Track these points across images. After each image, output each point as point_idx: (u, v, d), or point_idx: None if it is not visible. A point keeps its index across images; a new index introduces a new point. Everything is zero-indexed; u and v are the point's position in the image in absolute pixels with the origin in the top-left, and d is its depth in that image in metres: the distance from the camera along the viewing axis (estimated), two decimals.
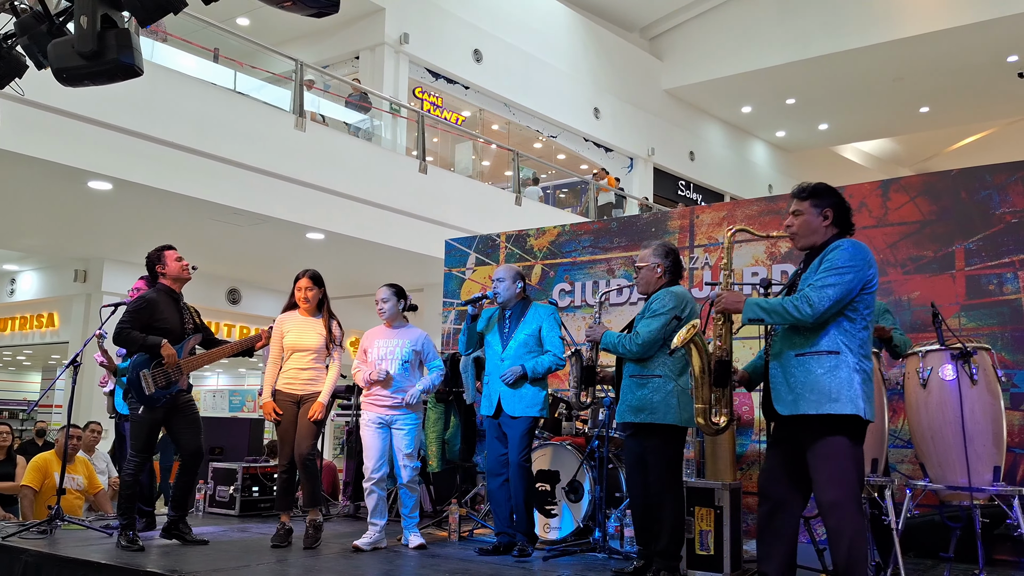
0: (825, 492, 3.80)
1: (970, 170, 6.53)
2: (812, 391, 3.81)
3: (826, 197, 4.06)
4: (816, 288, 3.81)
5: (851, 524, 3.77)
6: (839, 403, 3.76)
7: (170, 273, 6.10)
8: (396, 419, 6.06)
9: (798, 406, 3.85)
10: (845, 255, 3.85)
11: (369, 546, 5.89)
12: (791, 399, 3.88)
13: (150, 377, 5.81)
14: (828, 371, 3.81)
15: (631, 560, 5.36)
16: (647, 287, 5.23)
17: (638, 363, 5.03)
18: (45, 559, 5.47)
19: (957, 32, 19.26)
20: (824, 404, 3.78)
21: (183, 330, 6.07)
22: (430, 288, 13.39)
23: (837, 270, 3.82)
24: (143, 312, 5.90)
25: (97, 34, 4.61)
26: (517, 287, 6.02)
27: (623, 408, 5.08)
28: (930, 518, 5.53)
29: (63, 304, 16.13)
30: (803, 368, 3.86)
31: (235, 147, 11.22)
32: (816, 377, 3.82)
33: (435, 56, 17.74)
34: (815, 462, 3.83)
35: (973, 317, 6.19)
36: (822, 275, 3.84)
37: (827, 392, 3.78)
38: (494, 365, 5.98)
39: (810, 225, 4.05)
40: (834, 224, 4.03)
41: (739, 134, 26.69)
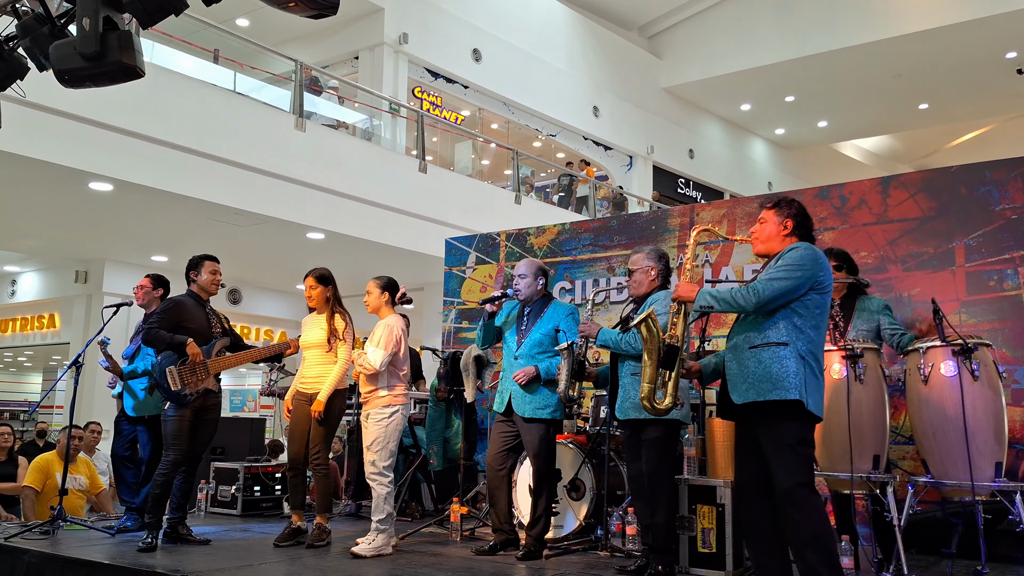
0: (781, 479, 3.91)
1: (970, 166, 6.53)
2: (761, 379, 3.99)
3: (787, 208, 4.30)
4: (764, 281, 4.04)
5: (809, 507, 3.87)
6: (783, 389, 3.92)
7: (201, 282, 6.32)
8: (369, 412, 5.94)
9: (748, 394, 4.02)
10: (797, 255, 4.07)
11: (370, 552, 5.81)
12: (744, 388, 4.05)
13: (176, 374, 5.89)
14: (776, 360, 3.97)
15: (633, 558, 5.36)
16: (640, 289, 5.32)
17: (638, 361, 4.99)
18: (47, 559, 5.49)
19: (956, 29, 19.27)
20: (771, 391, 3.94)
21: (210, 333, 6.22)
22: (430, 287, 13.42)
23: (787, 267, 4.04)
24: (171, 313, 6.08)
25: (99, 36, 4.62)
26: (539, 283, 5.95)
27: (626, 405, 5.10)
28: (932, 514, 5.53)
29: (64, 305, 16.15)
30: (755, 359, 4.03)
31: (235, 148, 11.23)
32: (766, 366, 3.99)
33: (434, 56, 17.75)
34: (768, 449, 3.98)
35: (974, 313, 6.20)
36: (775, 270, 4.06)
37: (773, 379, 3.95)
38: (508, 363, 5.93)
39: (769, 232, 4.28)
40: (793, 234, 4.24)
41: (738, 132, 26.69)
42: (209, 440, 6.27)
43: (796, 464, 3.91)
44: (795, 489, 3.88)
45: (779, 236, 4.24)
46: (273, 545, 5.95)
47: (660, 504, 5.00)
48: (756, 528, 4.12)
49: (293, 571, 5.18)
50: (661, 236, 7.77)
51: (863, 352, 4.87)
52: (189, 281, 6.34)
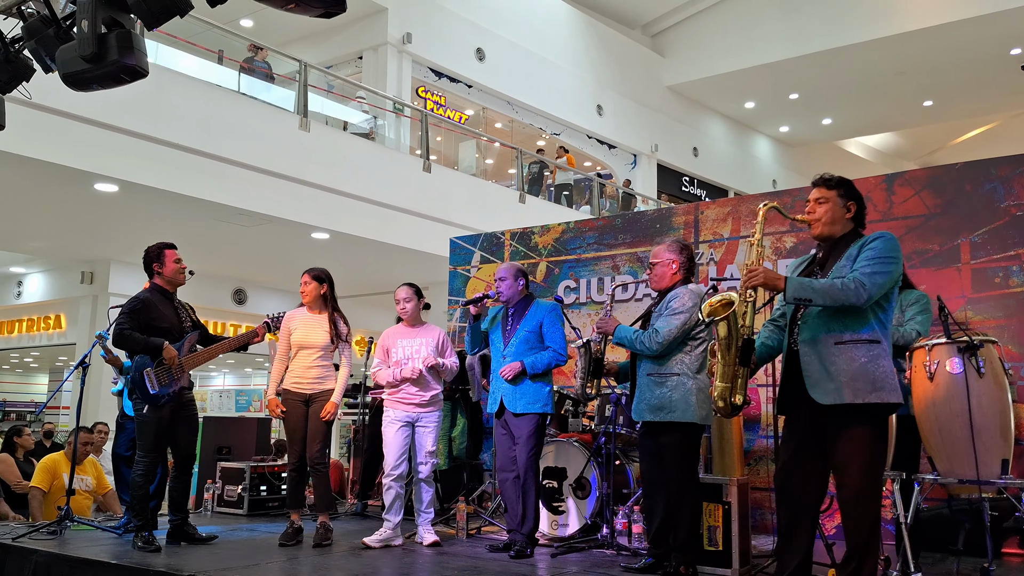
0: (855, 481, 3.80)
1: (975, 163, 6.53)
2: (857, 379, 3.78)
3: (852, 190, 4.10)
4: (867, 274, 3.79)
5: (874, 515, 3.80)
6: (884, 392, 3.77)
7: (166, 273, 6.12)
8: (421, 417, 6.09)
9: (842, 395, 3.79)
10: (889, 246, 3.87)
11: (379, 543, 5.91)
12: (833, 387, 3.81)
13: (153, 375, 5.82)
14: (872, 360, 3.80)
15: (639, 556, 5.37)
16: (661, 283, 5.19)
17: (656, 361, 4.99)
18: (55, 559, 5.50)
19: (960, 26, 19.24)
20: (871, 393, 3.76)
21: (181, 328, 6.08)
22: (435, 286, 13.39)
23: (883, 259, 3.82)
24: (139, 312, 5.91)
25: (97, 37, 4.63)
26: (519, 284, 6.01)
27: (641, 407, 5.04)
28: (939, 511, 5.53)
29: (70, 306, 16.16)
30: (846, 356, 3.82)
31: (240, 148, 11.25)
32: (861, 365, 3.79)
33: (438, 55, 17.77)
34: (847, 450, 3.81)
35: (979, 310, 6.20)
36: (869, 263, 3.82)
37: (872, 381, 3.77)
38: (496, 363, 5.98)
39: (834, 214, 4.06)
40: (855, 218, 4.07)
41: (742, 129, 26.68)
42: (194, 437, 6.18)
43: (876, 470, 3.85)
44: (869, 496, 3.80)
45: (843, 218, 4.05)
46: (278, 544, 5.96)
47: (685, 505, 4.96)
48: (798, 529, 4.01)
49: (299, 570, 5.20)
50: (666, 234, 7.77)
51: None
52: (152, 274, 6.12)
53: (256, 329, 6.38)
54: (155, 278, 6.12)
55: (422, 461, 6.10)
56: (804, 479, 3.97)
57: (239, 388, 20.17)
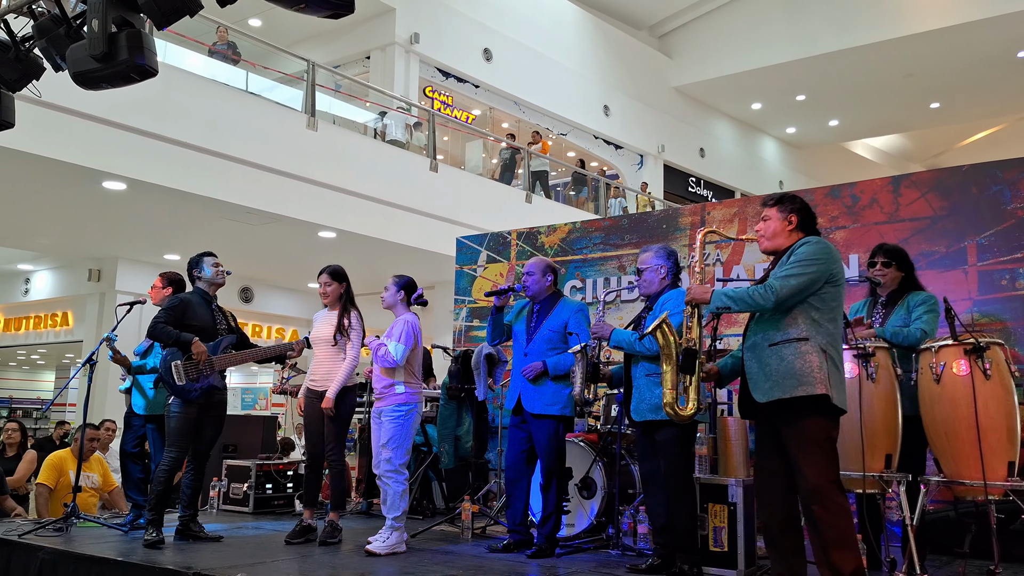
0: (807, 477, 3.93)
1: (981, 165, 6.52)
2: (785, 376, 4.00)
3: (790, 203, 4.32)
4: (780, 278, 4.06)
5: (835, 506, 3.89)
6: (809, 385, 3.94)
7: (207, 277, 6.33)
8: (382, 410, 5.94)
9: (773, 392, 4.02)
10: (809, 250, 4.10)
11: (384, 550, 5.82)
12: (767, 386, 4.05)
13: (181, 368, 5.91)
14: (798, 356, 3.99)
15: (644, 557, 5.37)
16: (651, 288, 5.29)
17: (653, 362, 4.98)
18: (61, 556, 5.52)
19: (967, 28, 19.23)
20: (796, 387, 3.96)
21: (215, 331, 6.21)
22: (441, 286, 13.44)
23: (801, 263, 4.06)
24: (177, 310, 6.08)
25: (108, 36, 4.65)
26: (547, 280, 5.94)
27: (642, 407, 5.05)
28: (945, 514, 5.53)
29: (77, 303, 16.22)
30: (777, 356, 4.05)
31: (248, 147, 11.27)
32: (788, 363, 4.01)
33: (445, 55, 17.80)
34: (794, 447, 3.99)
35: (986, 312, 6.19)
36: (788, 267, 4.09)
37: (798, 375, 3.96)
38: (518, 359, 5.93)
39: (774, 229, 4.31)
40: (799, 228, 4.28)
41: (749, 131, 26.66)
42: (215, 438, 6.28)
43: (824, 461, 3.94)
44: (823, 487, 3.90)
45: (784, 232, 4.27)
46: (284, 542, 5.97)
47: (681, 503, 4.98)
48: (776, 528, 4.13)
49: (305, 568, 5.20)
50: (672, 235, 7.77)
51: (874, 350, 4.86)
52: (194, 279, 6.35)
53: (294, 344, 6.48)
54: (196, 283, 6.37)
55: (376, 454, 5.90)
56: (772, 478, 4.15)
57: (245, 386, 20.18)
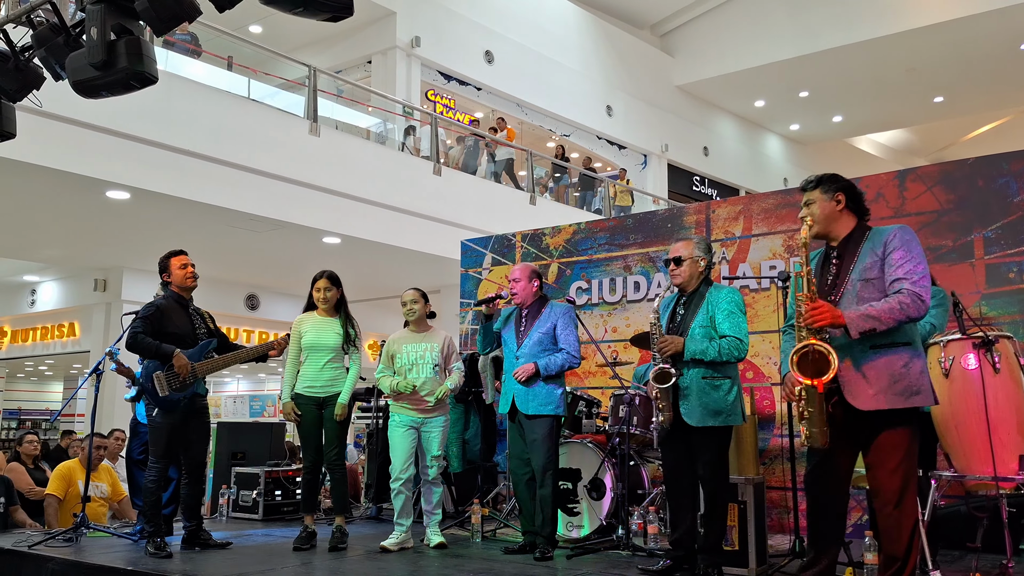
0: (892, 480, 3.83)
1: (987, 158, 6.50)
2: (896, 384, 3.82)
3: (833, 182, 4.14)
4: (914, 282, 3.82)
5: (912, 514, 3.84)
6: (921, 396, 3.83)
7: (175, 280, 6.16)
8: (426, 422, 6.08)
9: (880, 400, 3.83)
10: (909, 237, 3.93)
11: (396, 546, 5.91)
12: (872, 394, 3.84)
13: (164, 379, 5.84)
14: (906, 364, 3.84)
15: (655, 558, 5.35)
16: (692, 282, 5.09)
17: (710, 365, 4.88)
18: (71, 566, 5.52)
19: (969, 21, 19.17)
20: (909, 398, 3.82)
21: (195, 336, 6.10)
22: (447, 289, 13.41)
23: (916, 258, 3.88)
24: (153, 318, 5.95)
25: (107, 44, 4.65)
26: (533, 285, 6.00)
27: (699, 411, 4.85)
28: (956, 508, 5.50)
29: (83, 313, 16.24)
30: (883, 360, 3.86)
31: (250, 154, 11.27)
32: (898, 371, 3.83)
33: (447, 58, 17.79)
34: (884, 451, 3.85)
35: (994, 305, 6.17)
36: (908, 264, 3.86)
37: (910, 386, 3.82)
38: (509, 363, 5.97)
39: (824, 211, 4.11)
40: (848, 208, 4.10)
41: (753, 128, 26.63)
42: (205, 445, 6.23)
43: (910, 469, 3.87)
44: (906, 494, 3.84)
45: (836, 212, 4.10)
46: (292, 549, 5.97)
47: (718, 506, 4.93)
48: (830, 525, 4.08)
49: (313, 574, 5.19)
50: (677, 234, 7.75)
51: None
52: (164, 284, 6.20)
53: (273, 341, 6.35)
54: (169, 286, 6.18)
55: (428, 464, 6.10)
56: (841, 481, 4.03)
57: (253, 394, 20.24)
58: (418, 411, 6.09)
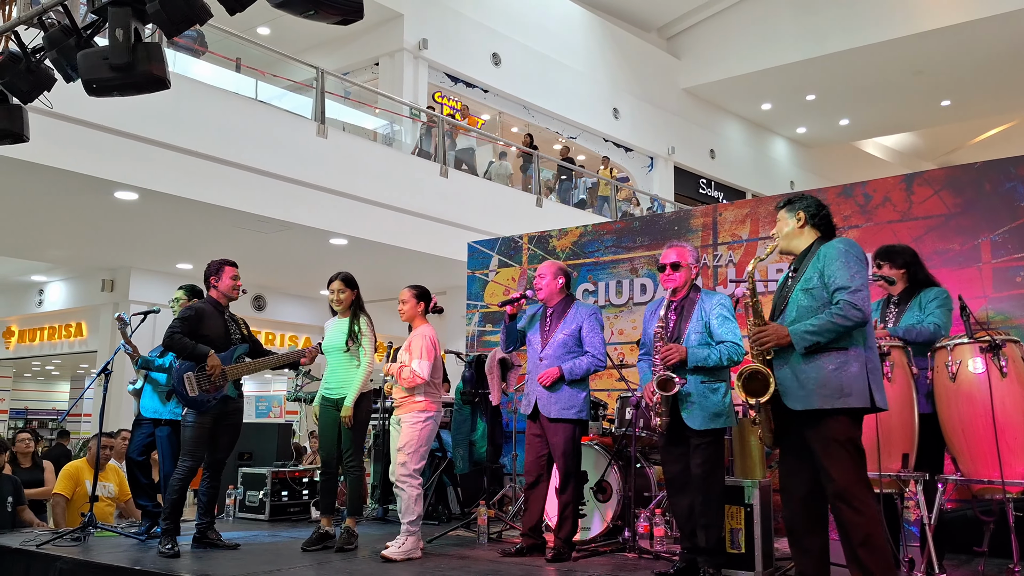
0: (837, 480, 3.92)
1: (994, 162, 6.50)
2: (824, 387, 3.96)
3: (798, 202, 4.32)
4: (850, 291, 3.96)
5: (867, 510, 3.88)
6: (852, 397, 3.93)
7: (222, 288, 6.26)
8: (402, 417, 5.99)
9: (807, 400, 4.00)
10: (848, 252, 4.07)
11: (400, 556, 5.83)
12: (803, 395, 4.01)
13: (194, 380, 5.91)
14: (839, 367, 3.96)
15: (661, 559, 5.36)
16: (685, 287, 5.18)
17: (707, 371, 4.95)
18: (79, 566, 5.55)
19: (976, 24, 19.14)
20: (837, 399, 3.94)
21: (228, 340, 6.19)
22: (453, 291, 13.44)
23: (851, 267, 4.02)
24: (192, 320, 6.05)
25: (132, 47, 4.68)
26: (559, 283, 5.93)
27: (702, 415, 4.91)
28: (963, 512, 5.50)
29: (91, 313, 16.29)
30: (814, 365, 4.00)
31: (258, 155, 11.30)
32: (827, 373, 3.97)
33: (454, 60, 17.81)
34: (824, 451, 3.96)
35: (1001, 310, 6.16)
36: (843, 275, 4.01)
37: (839, 388, 3.94)
38: (533, 364, 5.90)
39: (785, 230, 4.33)
40: (807, 224, 4.27)
41: (759, 131, 26.61)
42: (231, 446, 6.27)
43: (850, 462, 3.93)
44: (850, 488, 3.89)
45: (796, 230, 4.28)
46: (301, 549, 5.98)
47: (715, 507, 4.95)
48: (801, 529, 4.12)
49: (325, 574, 5.20)
50: (684, 237, 7.76)
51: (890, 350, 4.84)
52: (209, 287, 6.29)
53: (306, 350, 6.46)
54: (211, 291, 6.29)
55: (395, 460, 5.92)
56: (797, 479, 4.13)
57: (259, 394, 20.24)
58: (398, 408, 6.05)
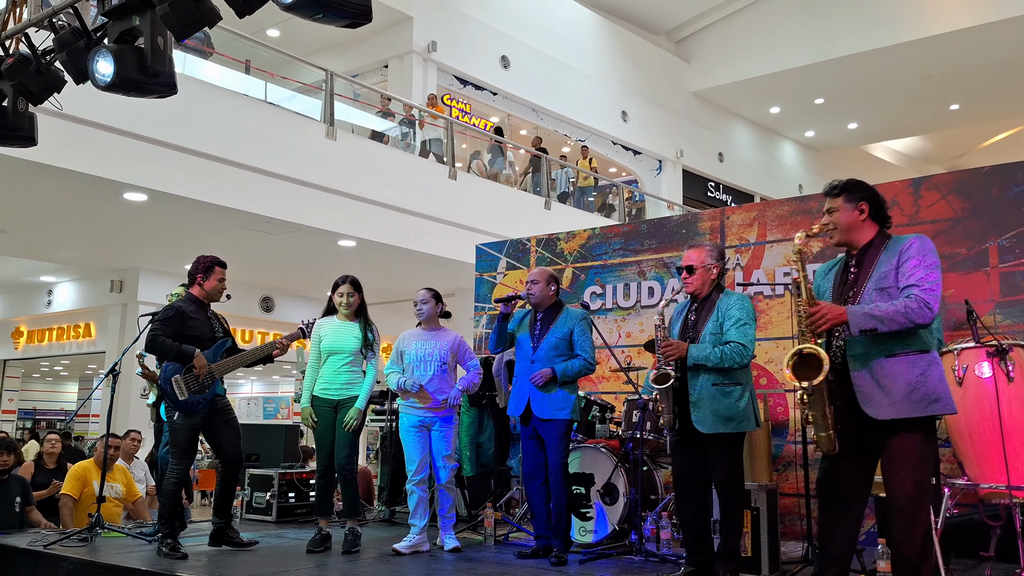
0: (905, 486, 3.82)
1: (1002, 167, 6.49)
2: (912, 393, 3.81)
3: (858, 191, 4.11)
4: (925, 289, 3.82)
5: (925, 519, 3.84)
6: (940, 403, 3.82)
7: (208, 287, 6.20)
8: (435, 421, 6.11)
9: (898, 409, 3.82)
10: (926, 246, 3.92)
11: (408, 549, 5.93)
12: (888, 403, 3.83)
13: (182, 382, 5.88)
14: (923, 372, 3.83)
15: (668, 563, 5.36)
16: (704, 289, 5.08)
17: (721, 372, 4.86)
18: (86, 566, 5.55)
19: (985, 29, 19.11)
20: (928, 406, 3.81)
21: (213, 338, 6.15)
22: (461, 293, 13.44)
23: (930, 267, 3.86)
24: (173, 321, 5.99)
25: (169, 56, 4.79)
26: (551, 289, 6.03)
27: (710, 418, 4.83)
28: (969, 517, 5.49)
29: (99, 314, 16.33)
30: (899, 369, 3.85)
31: (267, 157, 11.32)
32: (913, 379, 3.83)
33: (463, 63, 17.83)
34: (897, 458, 3.85)
35: (1008, 314, 6.15)
36: (915, 270, 3.86)
37: (928, 394, 3.81)
38: (524, 366, 5.98)
39: (847, 220, 4.09)
40: (871, 217, 4.08)
41: (768, 134, 26.58)
42: (237, 444, 6.21)
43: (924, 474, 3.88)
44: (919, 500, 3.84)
45: (858, 221, 4.08)
46: (306, 551, 5.99)
47: (734, 511, 4.92)
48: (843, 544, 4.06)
49: None
50: (692, 240, 7.74)
51: None
52: (192, 283, 6.20)
53: (277, 343, 6.38)
54: (193, 288, 6.21)
55: (441, 466, 6.12)
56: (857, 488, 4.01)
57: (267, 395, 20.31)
58: (425, 408, 6.13)
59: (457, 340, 6.32)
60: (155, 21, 4.70)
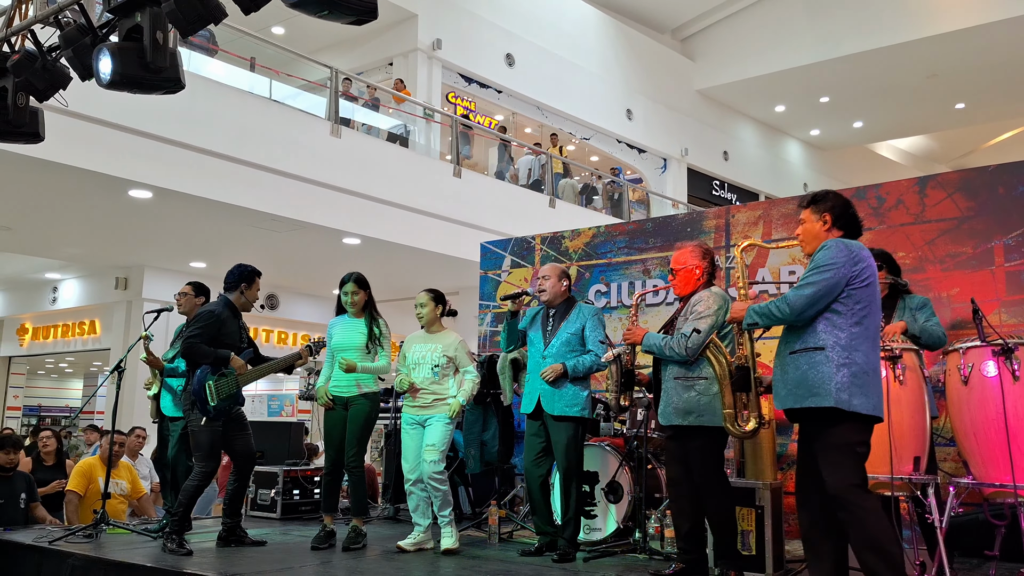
0: (827, 483, 3.96)
1: (1007, 165, 6.47)
2: (798, 386, 4.05)
3: (824, 202, 4.28)
4: (796, 288, 4.06)
5: (861, 506, 3.88)
6: (818, 397, 3.96)
7: (249, 296, 6.28)
8: (428, 418, 6.09)
9: (785, 401, 4.12)
10: (825, 255, 4.07)
11: (413, 547, 5.94)
12: (784, 394, 4.14)
13: (214, 388, 5.92)
14: (811, 367, 4.01)
15: (671, 561, 5.36)
16: (685, 289, 5.16)
17: (683, 365, 4.92)
18: (92, 562, 5.57)
19: (991, 28, 19.07)
20: (805, 398, 4.01)
21: (239, 347, 6.22)
22: (466, 291, 13.45)
23: (817, 269, 4.04)
24: (213, 327, 6.04)
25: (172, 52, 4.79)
26: (563, 285, 6.03)
27: (668, 411, 4.95)
28: (974, 516, 5.48)
29: (104, 311, 16.36)
30: (794, 365, 4.10)
31: (272, 154, 11.34)
32: (802, 373, 4.05)
33: (468, 61, 17.82)
34: (818, 452, 4.03)
35: (1014, 313, 6.14)
36: (805, 275, 4.08)
37: (808, 387, 4.00)
38: (535, 363, 5.97)
39: (811, 232, 4.29)
40: (835, 227, 4.23)
41: (773, 133, 26.55)
42: (250, 443, 6.27)
43: (844, 466, 3.93)
44: (843, 492, 3.90)
45: (821, 232, 4.24)
46: (310, 548, 6.00)
47: (717, 509, 4.91)
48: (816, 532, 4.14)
49: (332, 573, 5.22)
50: (697, 238, 7.74)
51: (901, 353, 4.83)
52: (233, 289, 6.24)
53: (300, 351, 6.46)
54: (234, 294, 6.25)
55: (424, 458, 5.99)
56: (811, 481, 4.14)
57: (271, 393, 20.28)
58: (420, 408, 6.12)
59: (455, 344, 6.23)
60: (155, 16, 4.70)
